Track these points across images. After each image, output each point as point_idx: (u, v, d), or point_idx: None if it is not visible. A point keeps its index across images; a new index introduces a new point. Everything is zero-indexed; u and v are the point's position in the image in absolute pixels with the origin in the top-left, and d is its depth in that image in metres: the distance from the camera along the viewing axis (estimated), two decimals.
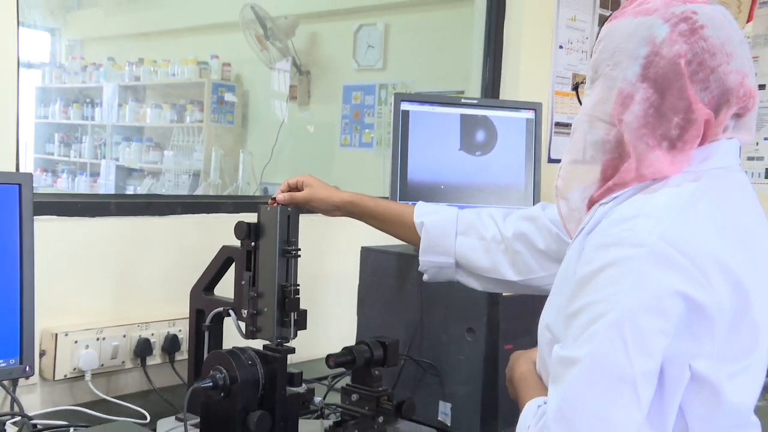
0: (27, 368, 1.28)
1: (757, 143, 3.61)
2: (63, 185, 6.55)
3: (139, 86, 6.42)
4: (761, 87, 3.66)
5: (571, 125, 1.45)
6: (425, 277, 1.65)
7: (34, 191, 1.40)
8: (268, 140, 4.94)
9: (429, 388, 1.88)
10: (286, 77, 5.04)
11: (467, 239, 1.58)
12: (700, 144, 1.18)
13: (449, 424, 1.84)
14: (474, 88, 3.22)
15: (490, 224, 1.58)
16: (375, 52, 4.81)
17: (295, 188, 1.66)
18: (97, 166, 6.48)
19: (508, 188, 2.02)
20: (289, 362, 2.07)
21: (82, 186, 6.42)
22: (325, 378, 2.09)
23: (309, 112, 5.20)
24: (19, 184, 1.31)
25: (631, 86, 1.18)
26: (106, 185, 6.25)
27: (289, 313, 1.52)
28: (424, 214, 1.63)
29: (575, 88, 1.38)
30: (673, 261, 1.07)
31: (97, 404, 1.92)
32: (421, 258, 1.62)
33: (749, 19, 3.46)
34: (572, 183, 1.28)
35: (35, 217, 1.87)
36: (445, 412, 1.85)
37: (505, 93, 3.16)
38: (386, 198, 1.96)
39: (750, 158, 3.64)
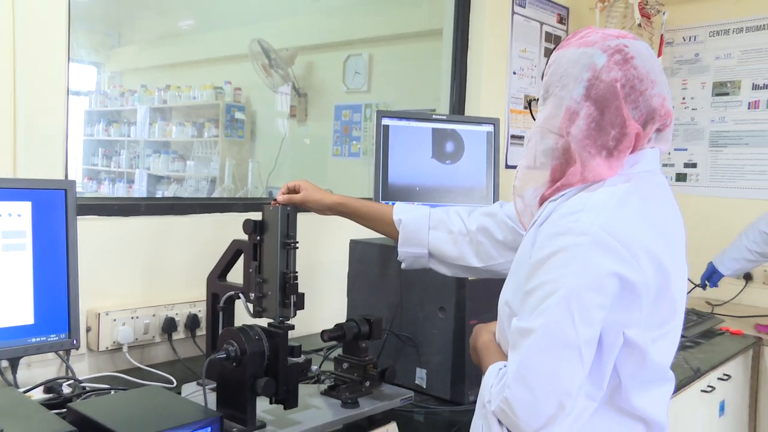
0: (74, 342, 1.27)
1: (669, 153, 3.65)
2: (105, 190, 6.54)
3: (166, 108, 6.40)
4: None
5: (523, 137, 1.45)
6: (403, 266, 1.63)
7: (81, 196, 1.38)
8: (272, 151, 4.93)
9: (408, 357, 1.86)
10: (287, 99, 5.03)
11: (438, 233, 1.57)
12: (631, 152, 1.20)
13: (425, 387, 1.82)
14: (443, 106, 3.22)
15: (457, 220, 1.57)
16: (361, 78, 4.79)
17: (293, 191, 1.63)
18: (132, 174, 6.47)
19: (473, 189, 2.00)
20: (291, 336, 2.05)
21: (120, 191, 6.42)
22: (321, 350, 2.07)
23: (306, 127, 5.18)
24: (65, 189, 1.29)
25: (577, 104, 1.18)
26: (139, 190, 6.24)
27: (290, 296, 1.50)
28: (401, 212, 1.61)
29: (528, 105, 1.38)
30: (611, 247, 1.08)
31: (133, 371, 1.90)
32: (399, 249, 1.60)
33: (659, 54, 3.49)
34: (527, 184, 1.28)
35: (80, 217, 1.86)
36: (421, 377, 1.83)
37: (469, 110, 3.16)
38: (370, 199, 1.94)
39: (664, 165, 3.67)
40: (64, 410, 1.30)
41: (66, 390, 1.65)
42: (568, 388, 1.08)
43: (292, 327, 1.45)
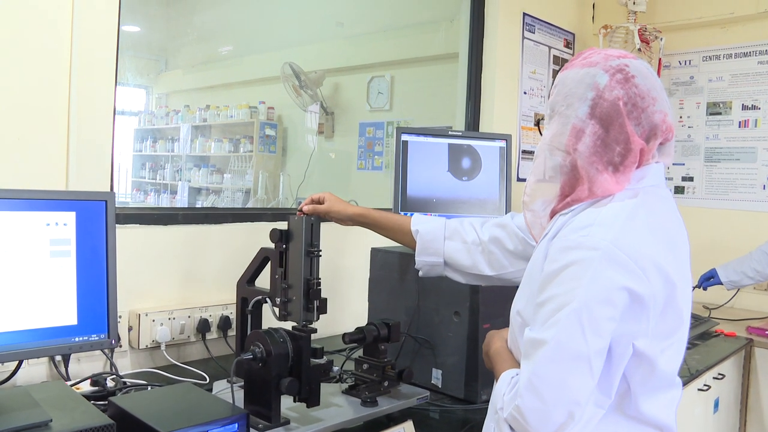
0: (113, 341, 1.24)
1: (669, 167, 3.59)
2: (151, 201, 6.56)
3: (206, 126, 6.42)
4: None
5: (534, 152, 1.41)
6: (421, 274, 1.59)
7: (125, 206, 1.36)
8: (302, 165, 4.91)
9: (424, 358, 1.82)
10: (315, 117, 5.03)
11: (453, 243, 1.53)
12: (636, 167, 1.15)
13: (440, 386, 1.78)
14: (459, 123, 3.18)
15: (471, 231, 1.52)
16: (383, 97, 4.77)
17: (317, 202, 1.60)
18: (175, 186, 6.50)
19: (486, 201, 1.95)
20: (315, 338, 2.02)
21: (164, 201, 6.45)
22: (344, 350, 2.02)
23: (333, 143, 5.16)
24: (106, 201, 1.26)
25: (582, 122, 1.14)
26: (181, 200, 6.26)
27: (313, 301, 1.46)
28: (418, 223, 1.57)
29: (537, 123, 1.35)
30: (621, 262, 1.03)
31: (170, 368, 1.88)
32: (417, 258, 1.56)
33: (658, 76, 3.42)
34: (536, 197, 1.23)
35: (123, 226, 1.86)
36: (437, 377, 1.79)
37: (483, 127, 3.12)
38: (390, 210, 1.90)
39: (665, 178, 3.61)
40: (106, 403, 1.30)
41: (110, 384, 1.65)
42: (577, 398, 1.03)
43: (315, 330, 1.42)
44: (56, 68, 1.68)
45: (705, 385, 2.34)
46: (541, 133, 1.27)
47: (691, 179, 3.53)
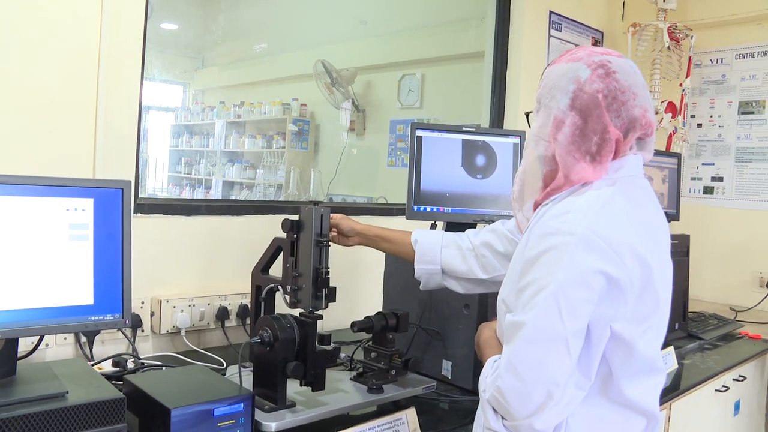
0: (127, 321, 1.31)
1: (698, 167, 3.58)
2: (186, 195, 6.68)
3: (240, 122, 6.53)
4: (699, 126, 3.59)
5: None
6: (421, 286, 1.65)
7: (157, 197, 1.41)
8: (333, 161, 4.97)
9: (435, 350, 1.85)
10: (347, 114, 5.08)
11: (449, 250, 1.59)
12: (614, 158, 1.19)
13: (450, 378, 1.81)
14: (485, 122, 3.20)
15: (465, 239, 1.59)
16: (414, 95, 4.81)
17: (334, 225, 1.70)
18: (210, 181, 6.62)
19: (499, 197, 1.97)
20: (334, 328, 2.07)
21: (199, 196, 6.57)
22: (360, 341, 2.07)
23: (364, 140, 5.21)
24: (122, 189, 1.33)
25: (563, 114, 1.19)
26: (215, 195, 6.39)
27: (321, 289, 1.51)
28: (418, 235, 1.64)
29: (526, 115, 1.38)
30: (597, 246, 1.07)
31: (189, 353, 1.95)
32: (415, 266, 1.62)
33: (688, 75, 3.39)
34: (524, 191, 1.28)
35: (148, 216, 1.94)
36: (447, 368, 1.82)
37: (508, 124, 3.15)
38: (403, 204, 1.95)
39: (692, 178, 3.59)
40: (122, 382, 1.37)
41: (129, 365, 1.73)
42: (556, 378, 1.06)
43: (321, 317, 1.47)
44: (85, 65, 1.77)
45: (723, 386, 2.33)
46: (529, 125, 1.31)
47: (720, 179, 3.48)
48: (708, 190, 3.51)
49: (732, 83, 3.47)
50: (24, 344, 1.28)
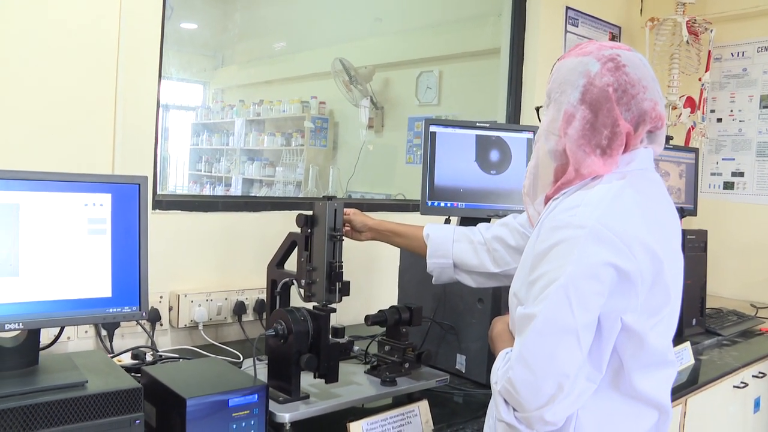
0: (143, 313, 1.34)
1: (717, 162, 3.55)
2: (207, 193, 6.72)
3: (259, 120, 6.57)
4: (719, 120, 3.55)
5: None
6: (433, 280, 1.66)
7: (175, 193, 1.44)
8: (351, 159, 4.99)
9: (449, 344, 1.87)
10: (366, 111, 5.09)
11: (460, 244, 1.60)
12: (624, 151, 1.19)
13: (464, 371, 1.83)
14: (501, 118, 3.20)
15: (477, 232, 1.60)
16: (432, 92, 4.82)
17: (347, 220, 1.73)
18: (230, 179, 6.67)
19: (513, 192, 1.98)
20: (351, 323, 2.09)
21: (218, 193, 6.62)
22: (376, 335, 2.09)
23: (382, 137, 5.22)
24: (139, 184, 1.36)
25: (573, 108, 1.19)
26: (235, 193, 6.42)
27: (335, 283, 1.53)
28: (430, 230, 1.65)
29: (536, 110, 1.39)
30: (607, 239, 1.07)
31: (207, 347, 1.98)
32: (428, 261, 1.63)
33: (707, 69, 3.36)
34: (535, 186, 1.29)
35: (166, 212, 1.97)
36: (461, 362, 1.84)
37: (524, 120, 3.15)
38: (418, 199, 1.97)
39: (712, 173, 3.55)
40: (140, 374, 1.41)
41: (148, 357, 1.77)
42: (566, 371, 1.07)
43: (334, 310, 1.49)
44: (104, 64, 1.81)
45: (742, 382, 2.31)
46: (539, 120, 1.31)
47: (741, 174, 3.45)
48: (728, 186, 3.48)
49: (753, 77, 3.44)
50: (46, 336, 1.31)
